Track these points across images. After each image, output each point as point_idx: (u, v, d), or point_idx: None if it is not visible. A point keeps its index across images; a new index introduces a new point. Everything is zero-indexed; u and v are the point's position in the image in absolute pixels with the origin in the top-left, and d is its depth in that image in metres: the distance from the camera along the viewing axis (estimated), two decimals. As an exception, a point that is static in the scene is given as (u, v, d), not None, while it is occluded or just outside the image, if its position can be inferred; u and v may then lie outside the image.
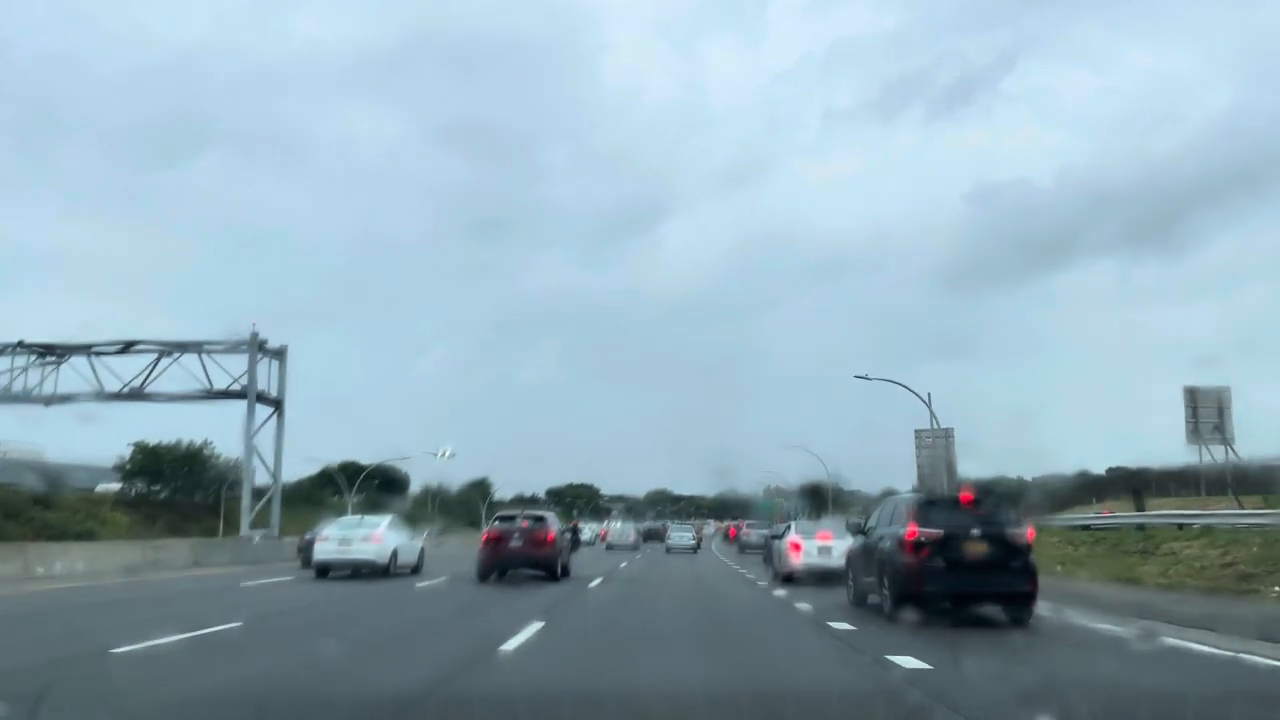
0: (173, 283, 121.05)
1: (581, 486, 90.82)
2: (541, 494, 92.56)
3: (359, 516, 23.50)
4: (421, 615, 12.36)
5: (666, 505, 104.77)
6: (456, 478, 70.68)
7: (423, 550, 22.98)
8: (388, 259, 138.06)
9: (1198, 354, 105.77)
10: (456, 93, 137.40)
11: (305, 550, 23.29)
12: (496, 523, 19.99)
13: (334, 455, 58.00)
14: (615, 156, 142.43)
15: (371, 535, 20.53)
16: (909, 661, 7.44)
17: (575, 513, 67.77)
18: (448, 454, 53.81)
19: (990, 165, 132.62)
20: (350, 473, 51.39)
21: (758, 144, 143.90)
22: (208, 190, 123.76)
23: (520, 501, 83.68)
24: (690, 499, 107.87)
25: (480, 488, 69.52)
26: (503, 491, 76.84)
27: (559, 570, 19.33)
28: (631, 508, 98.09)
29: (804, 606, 13.00)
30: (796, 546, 18.81)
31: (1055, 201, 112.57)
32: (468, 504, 65.87)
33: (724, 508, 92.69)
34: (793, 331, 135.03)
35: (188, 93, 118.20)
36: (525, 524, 19.45)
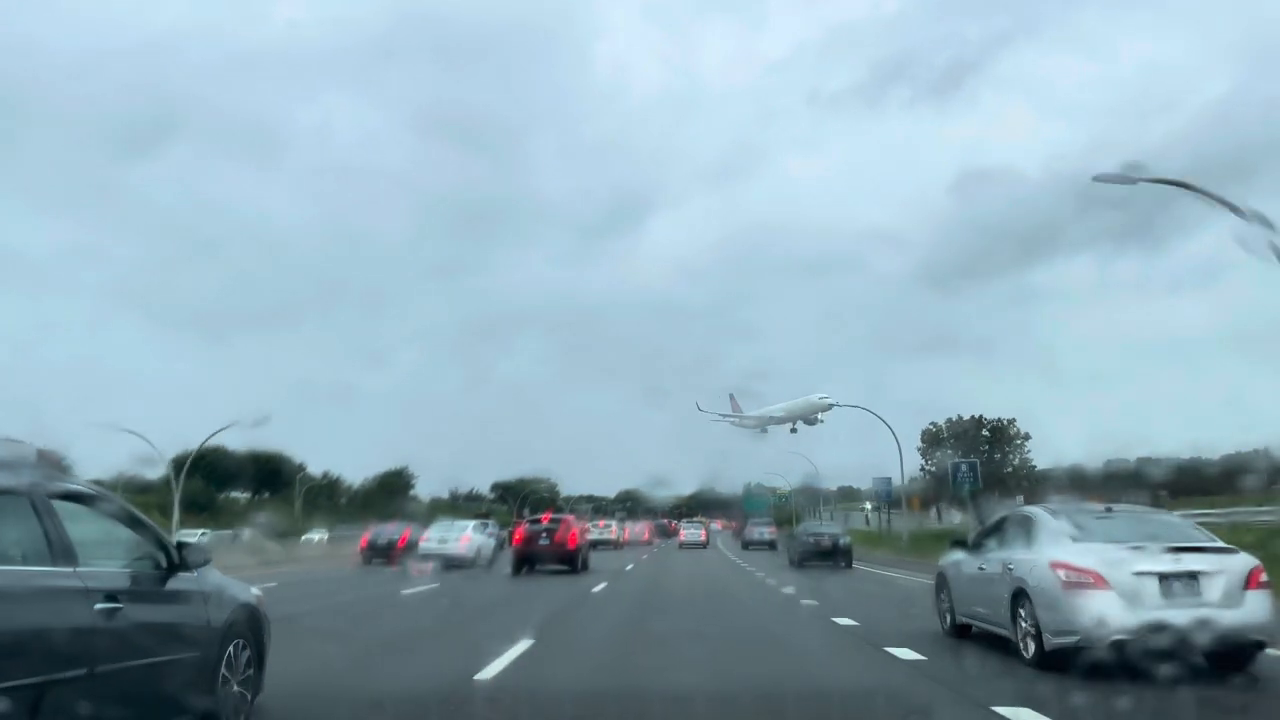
0: (139, 278, 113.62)
1: (536, 481, 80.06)
2: (485, 489, 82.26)
3: (451, 521, 30.18)
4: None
5: (638, 504, 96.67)
6: (368, 469, 60.08)
7: (495, 547, 29.50)
8: (363, 254, 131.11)
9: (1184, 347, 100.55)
10: (441, 81, 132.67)
11: None
12: (526, 524, 25.02)
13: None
14: (602, 148, 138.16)
15: (461, 537, 27.40)
16: None
17: (527, 511, 57.60)
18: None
19: (984, 155, 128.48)
20: (209, 460, 40.48)
21: (749, 135, 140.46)
22: (176, 182, 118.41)
23: (454, 496, 75.08)
24: (662, 498, 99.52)
25: (393, 480, 58.07)
26: (434, 486, 66.99)
27: (579, 565, 23.38)
28: (600, 508, 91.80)
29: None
30: (1099, 579, 6.95)
31: (1044, 192, 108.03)
32: (370, 499, 54.48)
33: (701, 506, 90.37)
34: (780, 328, 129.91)
35: (157, 80, 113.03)
36: (550, 526, 23.78)
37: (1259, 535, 18.69)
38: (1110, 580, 6.93)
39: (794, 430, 62.13)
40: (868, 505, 69.78)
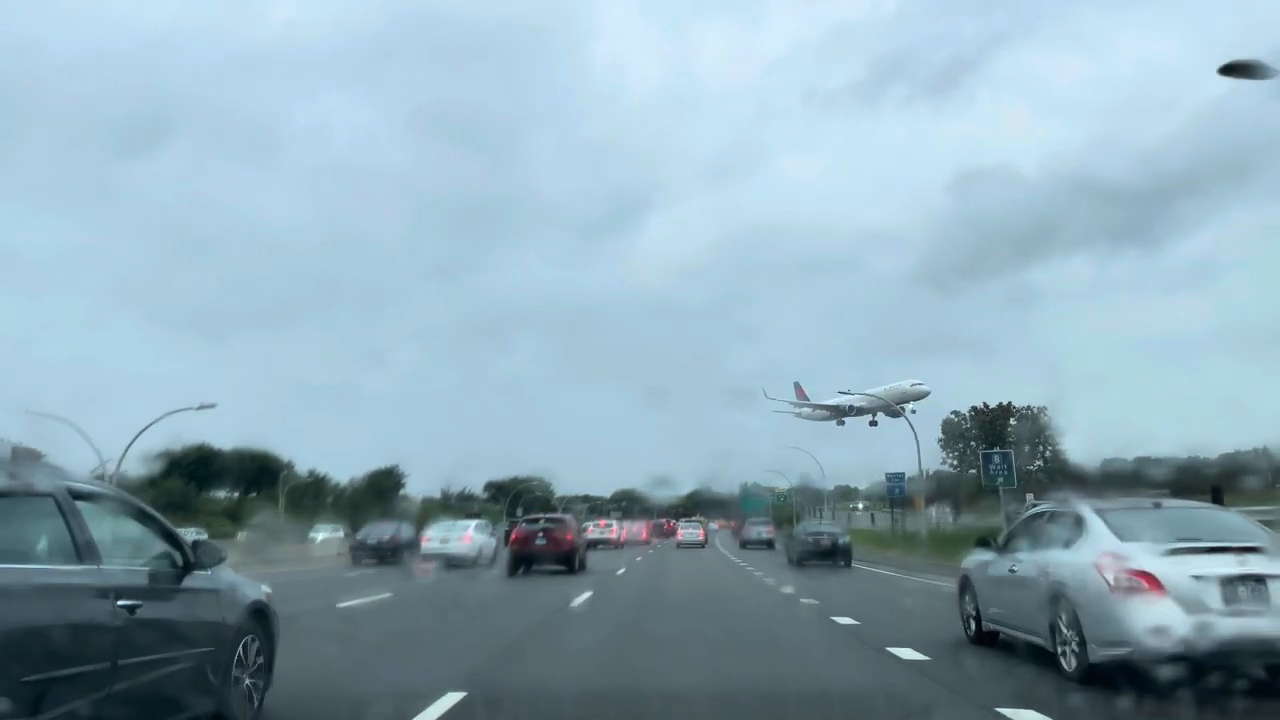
0: (136, 278, 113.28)
1: (530, 480, 79.70)
2: (478, 489, 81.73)
3: (453, 520, 31.59)
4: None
5: (634, 504, 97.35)
6: (362, 468, 59.45)
7: (497, 546, 29.98)
8: (359, 254, 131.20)
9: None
10: (438, 81, 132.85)
11: None
12: (523, 524, 25.12)
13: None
14: (600, 148, 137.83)
15: (464, 536, 28.46)
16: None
17: (520, 510, 57.48)
18: None
19: (981, 154, 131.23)
20: (194, 459, 40.06)
21: (748, 134, 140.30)
22: (174, 181, 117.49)
23: (446, 496, 74.79)
24: (658, 498, 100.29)
25: (383, 479, 57.53)
26: (427, 485, 66.44)
27: (577, 564, 23.48)
28: (595, 507, 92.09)
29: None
30: (1153, 582, 6.67)
31: (1041, 192, 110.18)
32: (357, 498, 54.00)
33: (698, 506, 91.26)
34: (779, 327, 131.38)
35: (155, 79, 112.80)
36: (547, 525, 23.87)
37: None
38: (1166, 584, 6.59)
39: (874, 423, 56.29)
40: (860, 505, 69.47)
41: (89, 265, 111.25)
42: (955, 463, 37.61)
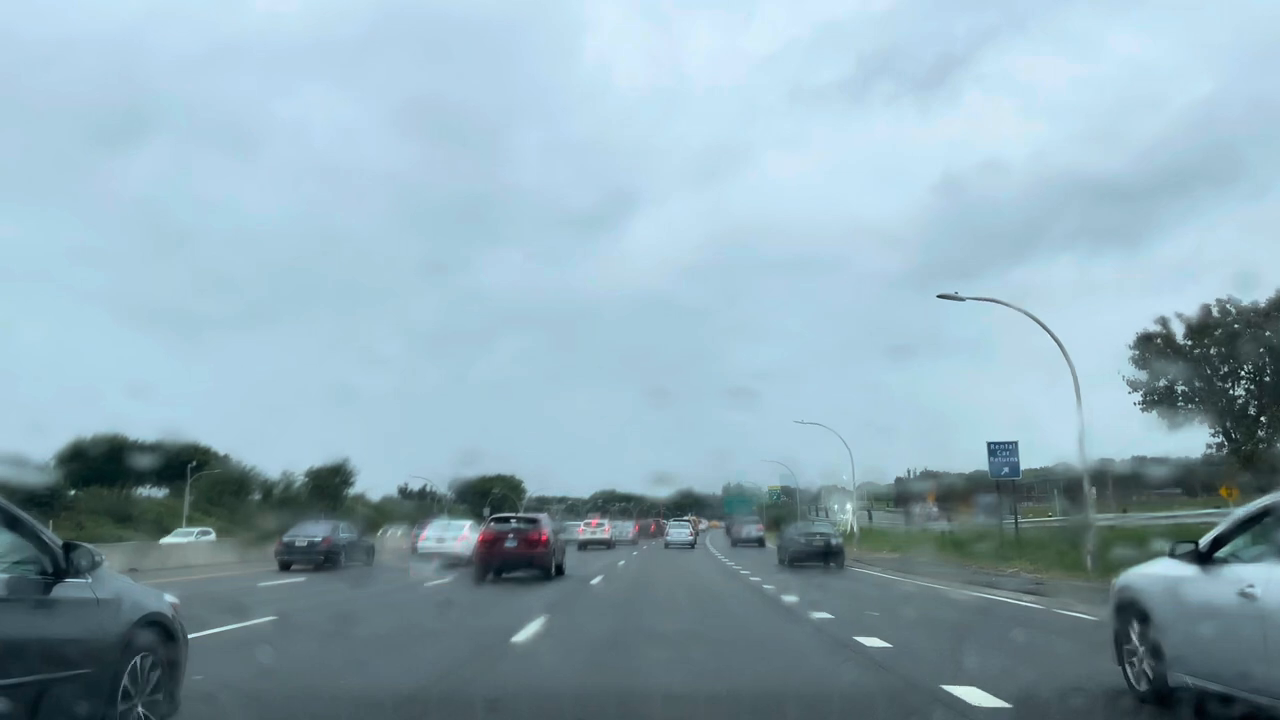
0: (106, 278, 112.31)
1: (498, 479, 77.34)
2: (443, 488, 78.94)
3: (448, 520, 34.29)
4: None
5: (613, 504, 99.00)
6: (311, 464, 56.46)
7: None
8: (340, 250, 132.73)
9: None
10: (425, 76, 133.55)
11: None
12: (492, 525, 23.09)
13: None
14: (588, 145, 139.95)
15: (459, 535, 29.41)
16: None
17: (488, 511, 55.28)
18: None
19: (968, 153, 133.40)
20: (107, 447, 37.01)
21: (736, 131, 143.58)
22: (147, 177, 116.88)
23: (405, 494, 72.52)
24: (639, 498, 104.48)
25: (327, 477, 54.66)
26: (386, 485, 63.68)
27: (554, 570, 21.87)
28: (572, 508, 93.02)
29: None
30: None
31: (1029, 191, 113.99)
32: (288, 497, 51.08)
33: (681, 507, 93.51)
34: (768, 325, 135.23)
35: (130, 71, 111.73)
36: (519, 526, 22.08)
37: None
38: None
39: None
40: (848, 506, 66.12)
41: (63, 259, 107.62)
42: (1157, 407, 22.59)
